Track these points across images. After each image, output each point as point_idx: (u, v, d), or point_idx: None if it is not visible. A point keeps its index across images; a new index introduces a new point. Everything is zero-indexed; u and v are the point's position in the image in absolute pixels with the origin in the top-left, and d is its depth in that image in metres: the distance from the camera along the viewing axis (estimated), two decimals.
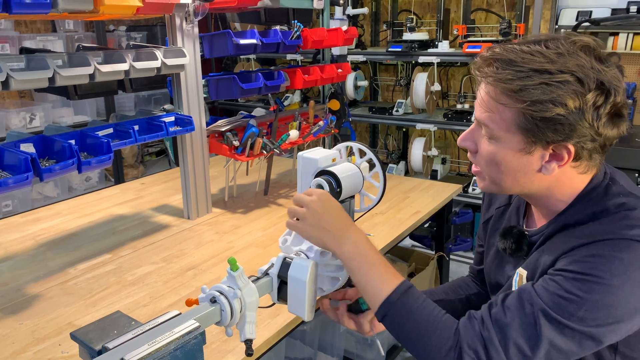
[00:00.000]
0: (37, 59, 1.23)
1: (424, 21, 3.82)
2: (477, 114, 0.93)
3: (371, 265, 0.96)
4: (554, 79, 0.82)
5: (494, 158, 0.92)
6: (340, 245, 0.97)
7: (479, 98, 0.93)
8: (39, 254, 1.56)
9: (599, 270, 0.81)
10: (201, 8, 1.62)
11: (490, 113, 0.90)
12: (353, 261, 0.96)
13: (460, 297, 1.24)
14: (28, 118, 3.25)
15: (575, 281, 0.82)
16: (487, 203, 1.20)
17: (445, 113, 3.37)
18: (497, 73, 0.87)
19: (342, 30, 2.15)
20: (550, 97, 0.82)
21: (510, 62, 0.86)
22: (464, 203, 3.45)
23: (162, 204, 1.96)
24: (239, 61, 4.43)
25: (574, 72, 0.82)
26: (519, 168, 0.90)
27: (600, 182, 0.92)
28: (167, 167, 3.79)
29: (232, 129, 1.84)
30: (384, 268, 0.96)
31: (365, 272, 0.95)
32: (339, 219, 1.00)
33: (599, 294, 0.81)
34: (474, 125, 0.96)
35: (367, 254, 0.97)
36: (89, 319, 1.19)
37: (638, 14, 2.86)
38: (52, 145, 1.32)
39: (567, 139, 0.85)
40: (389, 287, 0.94)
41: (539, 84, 0.83)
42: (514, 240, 1.00)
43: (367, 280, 0.95)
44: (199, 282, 1.38)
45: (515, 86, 0.84)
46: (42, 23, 3.61)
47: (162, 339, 0.78)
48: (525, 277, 0.94)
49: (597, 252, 0.83)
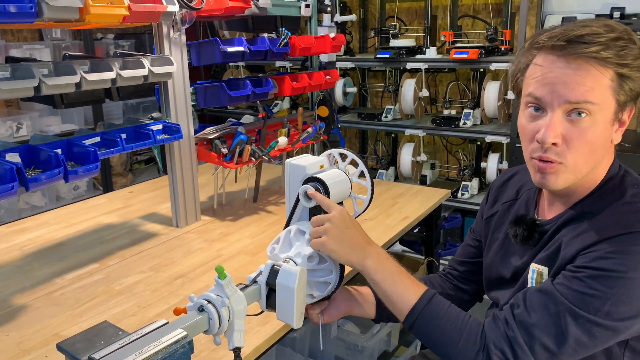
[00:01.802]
0: (23, 68, 1.22)
1: (411, 28, 3.85)
2: (569, 96, 0.87)
3: (395, 276, 1.00)
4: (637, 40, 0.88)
5: (587, 135, 0.89)
6: (363, 259, 1.01)
7: (562, 83, 0.88)
8: (25, 264, 1.55)
9: (620, 265, 0.84)
10: (188, 16, 1.62)
11: (583, 88, 0.87)
12: (377, 273, 1.00)
13: None
14: (15, 127, 3.22)
15: (599, 278, 0.84)
16: (492, 199, 1.21)
17: (433, 119, 3.40)
18: (591, 46, 0.86)
19: (329, 38, 2.16)
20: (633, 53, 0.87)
21: (596, 34, 0.87)
22: (453, 208, 3.47)
23: (151, 212, 1.95)
24: (228, 68, 4.44)
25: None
26: (604, 140, 0.92)
27: (617, 173, 0.96)
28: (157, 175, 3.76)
29: (221, 137, 1.84)
30: (407, 278, 1.00)
31: (389, 283, 0.99)
32: (359, 234, 1.04)
33: (623, 288, 0.83)
34: (556, 118, 0.89)
35: (390, 266, 1.01)
36: (76, 330, 1.17)
37: (621, 19, 2.90)
38: (38, 154, 1.31)
39: (637, 97, 0.90)
40: (414, 296, 0.98)
41: (632, 46, 0.87)
42: (527, 227, 1.02)
43: (393, 291, 0.99)
44: (187, 290, 1.37)
45: (613, 52, 0.86)
46: (28, 32, 3.59)
47: (149, 348, 0.77)
48: (546, 274, 0.96)
49: (618, 247, 0.85)
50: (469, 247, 1.28)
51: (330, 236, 1.00)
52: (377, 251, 1.03)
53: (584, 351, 0.87)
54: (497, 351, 0.90)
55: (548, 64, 0.89)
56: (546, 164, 0.92)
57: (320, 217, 1.04)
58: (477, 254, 1.24)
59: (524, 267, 1.04)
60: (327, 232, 1.01)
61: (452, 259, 1.32)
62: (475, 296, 1.29)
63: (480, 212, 1.25)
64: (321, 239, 1.01)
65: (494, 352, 0.90)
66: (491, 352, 0.90)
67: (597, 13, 3.03)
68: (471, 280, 1.27)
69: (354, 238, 1.02)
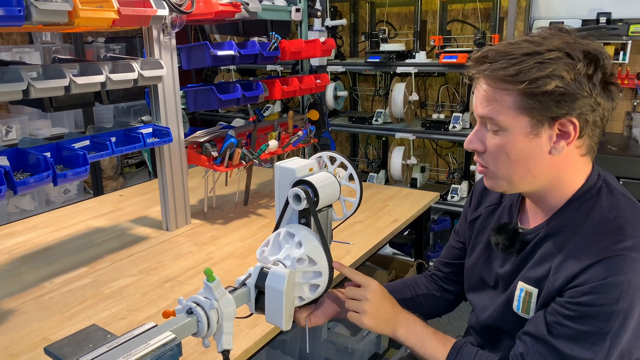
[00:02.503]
0: (11, 72, 1.22)
1: (401, 32, 3.88)
2: (479, 111, 0.96)
3: (424, 340, 1.06)
4: (545, 57, 0.88)
5: (504, 149, 0.94)
6: (395, 329, 1.08)
7: (478, 97, 0.96)
8: (14, 268, 1.54)
9: (610, 298, 0.86)
10: (178, 20, 1.62)
11: (492, 105, 0.93)
12: (409, 341, 1.07)
13: (405, 297, 1.29)
14: (4, 130, 3.20)
15: (593, 315, 0.87)
16: (476, 202, 1.22)
17: (423, 122, 3.42)
18: (492, 65, 0.91)
19: (319, 42, 2.17)
20: (547, 72, 0.87)
21: (501, 53, 0.91)
22: (442, 210, 3.49)
23: (141, 216, 1.95)
24: (219, 72, 4.44)
25: (561, 48, 0.88)
26: (530, 153, 0.93)
27: (595, 183, 0.97)
28: (148, 179, 3.76)
29: (211, 140, 1.84)
30: (435, 339, 1.06)
31: (420, 347, 1.06)
32: (392, 306, 1.10)
33: (617, 320, 0.86)
34: (477, 126, 0.99)
35: (419, 331, 1.08)
36: (64, 334, 1.17)
37: (607, 24, 2.95)
38: (27, 157, 1.31)
39: (570, 111, 0.89)
40: (444, 352, 1.04)
41: (533, 64, 0.88)
42: (508, 237, 1.04)
43: (424, 353, 1.06)
44: (177, 293, 1.37)
45: (511, 71, 0.89)
46: (18, 35, 3.57)
47: (137, 351, 0.77)
48: (536, 295, 0.98)
49: (603, 278, 0.86)
50: (453, 248, 1.29)
51: (369, 314, 1.07)
52: (406, 320, 1.09)
53: None
54: None
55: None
56: (481, 167, 1.01)
57: (357, 291, 1.09)
58: (461, 256, 1.26)
59: (508, 276, 1.05)
60: (365, 310, 1.07)
61: (437, 260, 1.34)
62: (459, 296, 1.30)
63: (464, 214, 1.26)
64: (359, 316, 1.08)
65: None
66: None
67: (584, 18, 3.06)
68: (456, 281, 1.29)
69: (388, 312, 1.08)
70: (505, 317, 1.04)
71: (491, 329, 1.10)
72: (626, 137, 3.06)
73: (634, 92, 3.11)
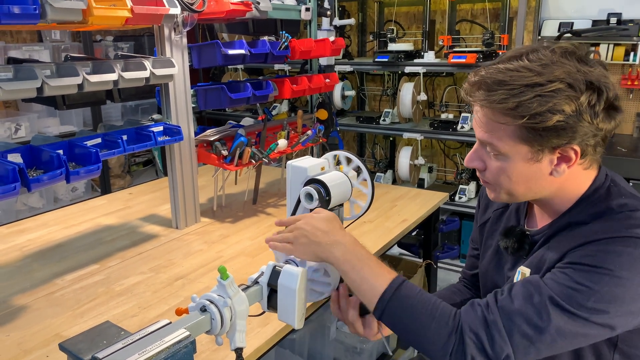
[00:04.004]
0: (25, 69, 1.22)
1: (410, 32, 3.87)
2: (479, 135, 0.95)
3: (363, 264, 0.97)
4: (546, 90, 0.84)
5: (505, 172, 0.93)
6: (331, 252, 0.98)
7: (476, 119, 0.94)
8: (25, 265, 1.55)
9: (608, 263, 0.84)
10: (190, 19, 1.63)
11: (491, 133, 0.91)
12: (345, 264, 0.97)
13: (455, 302, 1.25)
14: (13, 128, 3.21)
15: (585, 272, 0.85)
16: (484, 206, 1.21)
17: (431, 122, 3.41)
18: (490, 95, 0.88)
19: (329, 41, 2.17)
20: (547, 107, 0.84)
21: (499, 82, 0.88)
22: (450, 211, 3.48)
23: (150, 214, 1.96)
24: (227, 71, 4.44)
25: (563, 79, 0.85)
26: (531, 176, 0.92)
27: (602, 184, 0.96)
28: (154, 177, 3.77)
29: (221, 139, 1.84)
30: (376, 266, 0.97)
31: (357, 272, 0.96)
32: (327, 229, 1.01)
33: (609, 286, 0.83)
34: (477, 145, 0.98)
35: (358, 254, 0.98)
36: (76, 330, 1.18)
37: (618, 25, 2.93)
38: (40, 155, 1.32)
39: (571, 140, 0.87)
40: (384, 282, 0.94)
41: (533, 97, 0.85)
42: (516, 240, 1.03)
43: (361, 279, 0.96)
44: (187, 291, 1.38)
45: (511, 104, 0.86)
46: (28, 33, 3.59)
47: (152, 348, 0.78)
48: (529, 274, 0.96)
49: (606, 248, 0.85)
50: (471, 257, 1.28)
51: (299, 242, 1.01)
52: (344, 241, 0.99)
53: (563, 343, 0.86)
54: (472, 334, 0.87)
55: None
56: (484, 180, 1.00)
57: (288, 219, 1.05)
58: None
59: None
60: (295, 238, 1.01)
61: (462, 270, 1.32)
62: None
63: (475, 219, 1.25)
64: (289, 247, 1.03)
65: (468, 334, 0.87)
66: (465, 335, 0.87)
67: (594, 19, 3.05)
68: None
69: (321, 235, 1.00)
70: None
71: None
72: (636, 139, 3.04)
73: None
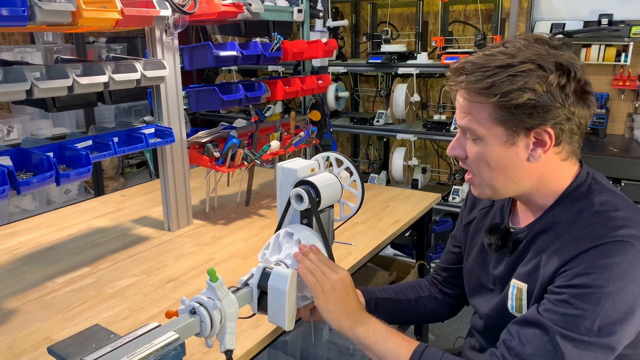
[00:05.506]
0: (15, 72, 1.22)
1: (403, 33, 3.88)
2: (459, 122, 0.99)
3: (385, 337, 1.01)
4: (517, 70, 0.89)
5: (483, 157, 0.96)
6: (353, 327, 1.02)
7: (457, 107, 0.99)
8: (16, 268, 1.54)
9: (600, 280, 0.85)
10: (181, 20, 1.62)
11: (469, 116, 0.95)
12: (368, 338, 1.01)
13: (409, 298, 1.28)
14: (5, 130, 3.20)
15: (582, 296, 0.86)
16: (470, 206, 1.23)
17: (424, 123, 3.42)
18: (467, 78, 0.93)
19: (321, 43, 2.17)
20: (518, 85, 0.88)
21: (477, 65, 0.92)
22: (443, 212, 3.49)
23: (143, 216, 1.95)
24: (220, 72, 4.44)
25: (533, 60, 0.89)
26: (508, 161, 0.95)
27: (584, 181, 0.98)
28: (148, 179, 3.76)
29: (213, 140, 1.84)
30: (399, 337, 1.01)
31: (380, 345, 1.01)
32: (356, 303, 1.04)
33: (607, 302, 0.85)
34: (459, 133, 1.02)
35: (381, 329, 1.02)
36: (67, 333, 1.17)
37: (609, 26, 2.95)
38: (30, 157, 1.31)
39: (544, 121, 0.90)
40: (408, 351, 0.99)
41: (506, 77, 0.89)
42: (500, 237, 1.04)
43: (385, 352, 1.00)
44: (179, 294, 1.37)
45: (485, 84, 0.90)
46: (20, 35, 3.58)
47: (141, 351, 0.78)
48: (526, 290, 0.98)
49: (593, 262, 0.87)
50: (450, 253, 1.30)
51: (330, 299, 1.01)
52: (369, 318, 1.04)
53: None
54: None
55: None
56: (469, 176, 1.02)
57: (328, 269, 1.03)
58: (458, 260, 1.26)
59: (502, 276, 1.06)
60: (329, 293, 1.01)
61: (436, 264, 1.34)
62: (461, 300, 1.30)
63: (460, 218, 1.27)
64: (320, 293, 1.01)
65: None
66: None
67: (585, 20, 3.07)
68: (455, 285, 1.29)
69: (351, 307, 1.03)
70: (503, 319, 1.04)
71: (492, 331, 1.10)
72: (628, 139, 3.06)
73: (636, 94, 3.11)
